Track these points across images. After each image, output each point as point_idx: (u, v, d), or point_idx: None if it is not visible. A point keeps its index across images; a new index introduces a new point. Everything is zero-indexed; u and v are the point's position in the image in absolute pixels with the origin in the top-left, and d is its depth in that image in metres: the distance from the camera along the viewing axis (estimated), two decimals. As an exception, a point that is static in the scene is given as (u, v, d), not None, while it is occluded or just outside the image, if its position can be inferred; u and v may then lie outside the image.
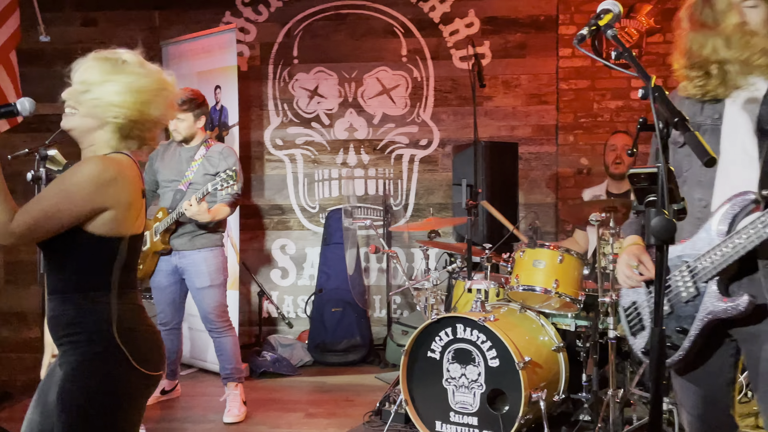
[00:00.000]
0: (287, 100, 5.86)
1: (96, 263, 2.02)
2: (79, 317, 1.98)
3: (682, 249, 1.97)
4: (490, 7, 5.68)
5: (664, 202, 1.29)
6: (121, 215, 2.01)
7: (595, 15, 1.61)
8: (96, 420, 1.97)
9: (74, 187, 1.94)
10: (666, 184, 1.29)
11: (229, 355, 4.21)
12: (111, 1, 5.84)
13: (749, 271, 1.86)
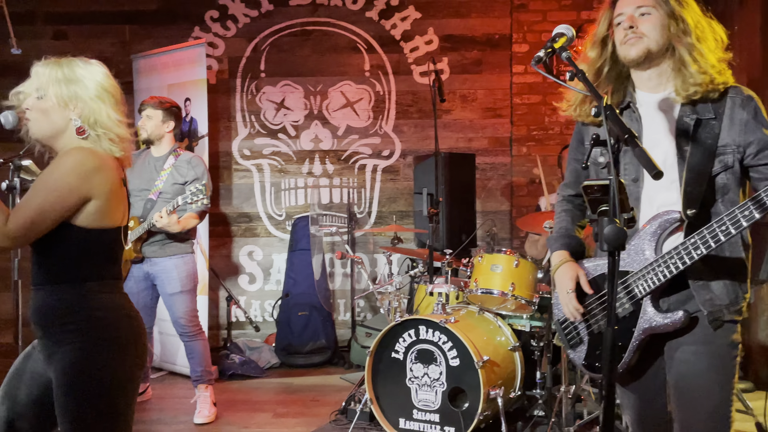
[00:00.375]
0: (254, 112, 5.85)
1: (83, 255, 2.02)
2: (69, 308, 1.99)
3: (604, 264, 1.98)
4: (448, 25, 5.76)
5: (616, 212, 1.35)
6: (104, 205, 2.01)
7: (550, 38, 1.66)
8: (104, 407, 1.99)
9: (59, 179, 1.94)
10: (617, 195, 1.35)
11: (199, 358, 4.18)
12: (82, 15, 5.76)
13: (679, 287, 1.89)
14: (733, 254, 1.88)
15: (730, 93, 1.87)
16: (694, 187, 1.82)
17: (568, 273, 2.01)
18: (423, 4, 5.75)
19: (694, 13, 1.87)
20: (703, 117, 1.85)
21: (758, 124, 1.83)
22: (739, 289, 1.89)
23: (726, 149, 1.84)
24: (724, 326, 1.88)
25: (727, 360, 1.89)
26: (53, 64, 2.09)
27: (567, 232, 2.12)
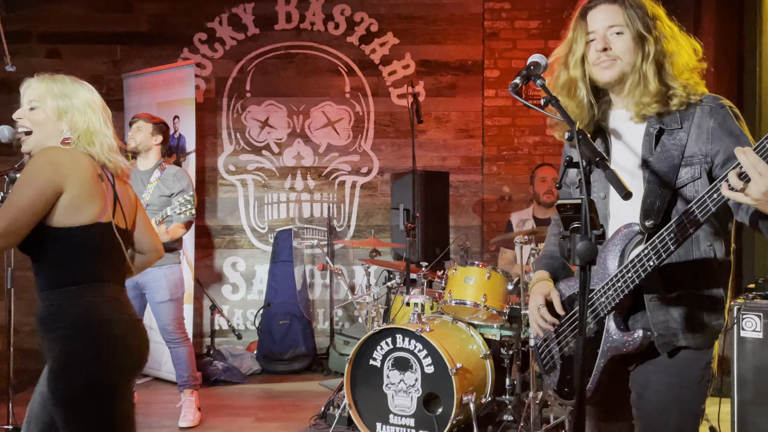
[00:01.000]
0: (240, 129, 5.83)
1: (64, 258, 1.97)
2: (54, 314, 1.95)
3: (576, 284, 1.86)
4: (425, 51, 5.80)
5: (587, 229, 1.36)
6: (76, 199, 1.95)
7: (525, 66, 1.67)
8: (90, 412, 1.92)
9: (34, 174, 1.92)
10: (588, 214, 1.36)
11: (185, 364, 4.13)
12: (75, 35, 5.70)
13: (642, 304, 1.73)
14: (699, 274, 1.69)
15: (702, 102, 1.71)
16: (654, 198, 1.67)
17: (540, 290, 1.89)
18: (401, 31, 5.79)
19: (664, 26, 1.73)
20: (668, 127, 1.71)
21: (725, 132, 1.66)
22: (705, 313, 1.69)
23: (692, 160, 1.68)
24: (684, 357, 1.69)
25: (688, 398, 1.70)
26: (48, 78, 2.10)
27: (551, 254, 2.00)
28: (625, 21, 1.70)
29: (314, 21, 5.80)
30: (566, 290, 1.90)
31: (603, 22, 1.72)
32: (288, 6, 5.79)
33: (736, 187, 1.43)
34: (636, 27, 1.69)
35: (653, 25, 1.70)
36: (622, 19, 1.70)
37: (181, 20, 5.74)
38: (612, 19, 1.71)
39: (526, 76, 1.64)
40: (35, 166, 1.93)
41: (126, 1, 5.68)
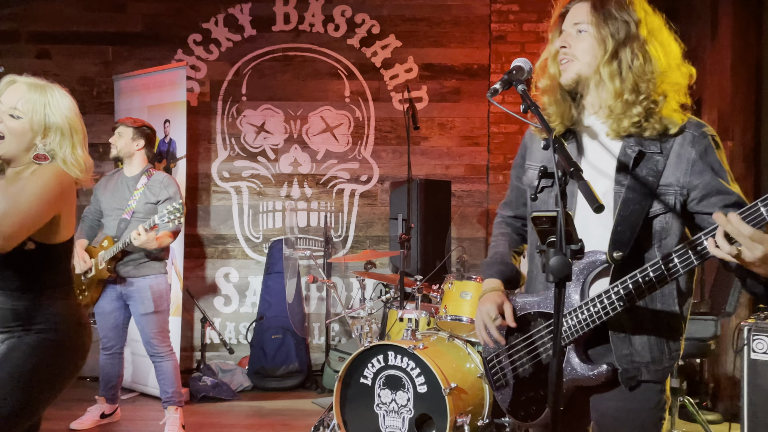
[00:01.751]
0: (235, 134, 5.85)
1: (43, 266, 2.13)
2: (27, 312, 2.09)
3: (533, 302, 1.83)
4: (428, 54, 5.81)
5: (563, 243, 1.34)
6: (65, 220, 2.14)
7: (508, 71, 1.66)
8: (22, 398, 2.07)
9: (45, 191, 2.06)
10: (564, 227, 1.34)
11: (170, 379, 4.12)
12: (65, 35, 5.75)
13: (605, 338, 1.72)
14: (664, 306, 1.69)
15: (685, 129, 1.66)
16: (625, 228, 1.64)
17: (492, 298, 1.84)
18: (404, 33, 5.81)
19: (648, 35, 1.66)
20: (647, 150, 1.66)
21: (706, 165, 1.63)
22: (666, 346, 1.70)
23: (668, 189, 1.65)
24: (644, 387, 1.71)
25: (648, 422, 1.73)
26: (39, 88, 2.15)
27: (502, 259, 1.94)
28: (590, 20, 1.67)
29: (313, 22, 5.82)
30: (524, 306, 1.85)
31: (570, 20, 1.72)
32: (286, 6, 5.82)
33: (725, 250, 1.43)
34: (600, 26, 1.65)
35: (625, 28, 1.65)
36: (588, 18, 1.68)
37: (176, 20, 5.78)
38: (578, 16, 1.70)
39: (507, 81, 1.64)
40: (47, 183, 2.07)
41: (119, 1, 5.73)
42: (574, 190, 1.70)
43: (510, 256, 1.96)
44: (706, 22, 5.09)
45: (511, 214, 2.04)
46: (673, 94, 1.66)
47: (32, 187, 2.05)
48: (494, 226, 2.08)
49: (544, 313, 1.80)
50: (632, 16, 1.66)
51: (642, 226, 1.65)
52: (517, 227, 2.03)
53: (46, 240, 2.11)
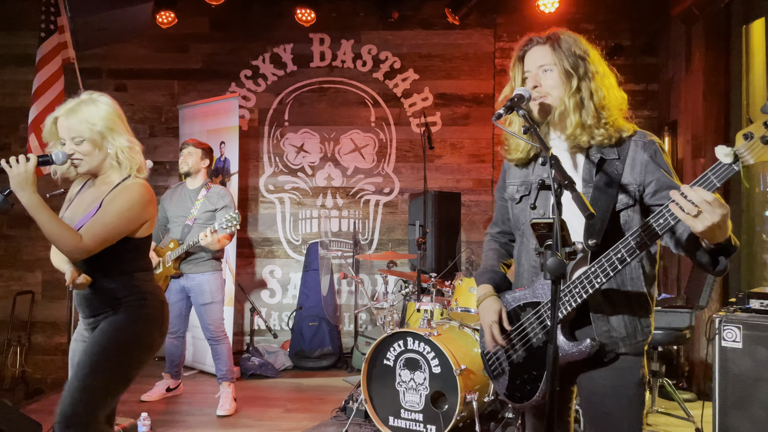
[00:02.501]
0: (278, 154, 5.87)
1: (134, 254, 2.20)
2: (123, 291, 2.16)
3: (521, 296, 1.81)
4: (441, 85, 5.78)
5: (558, 246, 1.31)
6: (151, 223, 2.23)
7: (510, 99, 1.64)
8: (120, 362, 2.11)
9: (129, 209, 2.12)
10: (560, 232, 1.31)
11: (223, 359, 4.13)
12: (139, 71, 5.83)
13: (588, 319, 1.71)
14: (633, 288, 1.69)
15: (635, 137, 1.71)
16: (595, 222, 1.64)
17: (492, 307, 1.84)
18: (420, 68, 5.79)
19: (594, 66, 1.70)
20: (607, 157, 1.69)
21: (657, 165, 1.67)
22: (638, 323, 1.70)
23: (628, 187, 1.67)
24: (624, 363, 1.70)
25: (633, 396, 1.70)
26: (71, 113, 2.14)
27: (492, 268, 1.95)
28: (553, 60, 1.69)
29: (344, 59, 5.83)
30: (512, 302, 1.84)
31: (534, 63, 1.72)
32: (322, 46, 5.84)
33: (686, 208, 1.40)
34: (563, 65, 1.68)
35: (582, 64, 1.68)
36: (551, 59, 1.69)
37: (230, 59, 5.83)
38: (542, 59, 1.71)
39: (509, 107, 1.61)
40: (130, 202, 2.12)
41: (183, 43, 5.79)
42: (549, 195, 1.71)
43: (499, 266, 1.96)
44: (682, 56, 5.01)
45: (498, 230, 2.04)
46: (619, 111, 1.70)
47: (117, 205, 2.10)
48: (485, 244, 2.08)
49: (531, 303, 1.78)
50: (584, 52, 1.69)
51: (610, 219, 1.66)
52: (503, 242, 2.02)
53: (139, 234, 2.18)
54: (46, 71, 4.76)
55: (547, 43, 1.71)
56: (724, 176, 1.39)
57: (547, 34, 1.74)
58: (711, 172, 1.41)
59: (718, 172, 1.40)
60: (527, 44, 1.74)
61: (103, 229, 2.07)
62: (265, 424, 3.88)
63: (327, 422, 3.86)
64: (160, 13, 5.44)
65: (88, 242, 2.02)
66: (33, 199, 2.00)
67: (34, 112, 4.69)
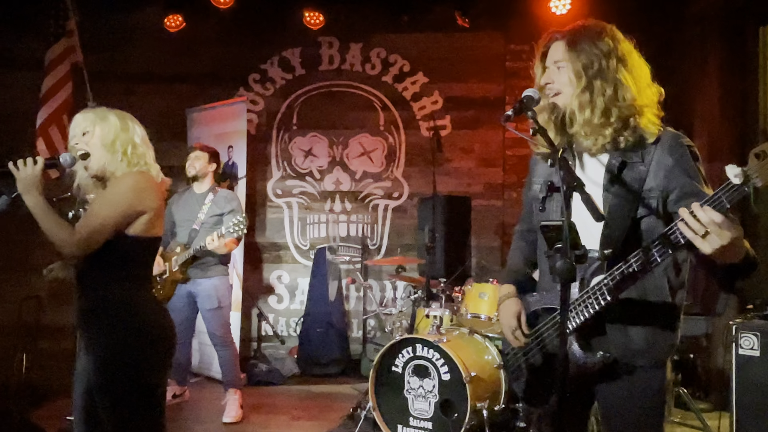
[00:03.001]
0: (286, 158, 5.88)
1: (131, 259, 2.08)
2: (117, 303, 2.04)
3: (541, 299, 1.81)
4: (451, 89, 5.77)
5: (567, 249, 1.30)
6: (152, 218, 2.09)
7: (519, 100, 1.63)
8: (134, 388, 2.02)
9: (119, 197, 2.02)
10: (569, 235, 1.30)
11: (230, 366, 4.14)
12: (147, 75, 5.86)
13: (603, 327, 1.67)
14: (657, 298, 1.63)
15: (662, 139, 1.64)
16: (613, 230, 1.60)
17: (511, 309, 1.83)
18: (430, 70, 5.78)
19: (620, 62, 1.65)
20: (630, 161, 1.64)
21: (682, 170, 1.59)
22: (661, 335, 1.64)
23: (651, 193, 1.61)
24: (643, 374, 1.65)
25: (652, 408, 1.67)
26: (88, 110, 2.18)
27: (516, 268, 1.94)
28: (567, 57, 1.66)
29: (353, 62, 5.84)
30: (533, 304, 1.82)
31: (551, 58, 1.71)
32: (331, 50, 5.86)
33: (694, 227, 1.36)
34: (575, 63, 1.64)
35: (597, 62, 1.63)
36: (564, 56, 1.67)
37: (238, 62, 5.85)
38: (557, 55, 1.69)
39: (518, 109, 1.60)
40: (121, 189, 2.04)
41: (190, 46, 5.80)
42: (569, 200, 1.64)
43: (523, 266, 1.95)
44: (697, 57, 4.97)
45: (525, 228, 2.03)
46: (647, 110, 1.64)
47: (106, 195, 2.04)
48: (512, 241, 2.06)
49: (549, 308, 1.76)
50: (603, 48, 1.64)
51: (631, 227, 1.61)
52: (530, 240, 1.99)
53: (134, 233, 2.05)
54: (54, 75, 4.82)
55: (564, 39, 1.69)
56: (734, 197, 1.34)
57: (568, 29, 1.71)
58: (721, 191, 1.35)
59: (728, 193, 1.34)
60: (548, 39, 1.73)
61: (95, 219, 1.99)
62: (272, 431, 3.87)
63: (334, 430, 3.86)
64: (168, 17, 5.48)
65: (81, 234, 1.97)
66: (38, 202, 2.00)
67: (42, 116, 4.74)
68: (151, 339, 2.06)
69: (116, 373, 1.99)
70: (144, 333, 2.05)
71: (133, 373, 2.00)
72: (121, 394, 1.99)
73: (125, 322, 2.03)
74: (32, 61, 5.18)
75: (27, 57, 5.51)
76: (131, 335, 2.02)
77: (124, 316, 2.03)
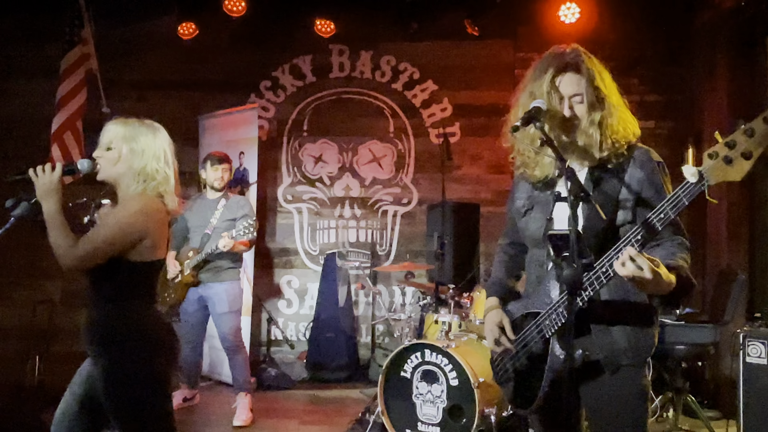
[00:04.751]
0: (297, 164, 5.94)
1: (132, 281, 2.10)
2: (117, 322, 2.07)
3: (523, 305, 1.88)
4: (460, 96, 5.81)
5: (575, 257, 1.33)
6: (155, 243, 2.10)
7: (527, 111, 1.67)
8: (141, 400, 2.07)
9: (127, 220, 2.05)
10: (576, 244, 1.34)
11: (240, 370, 4.18)
12: (160, 82, 5.93)
13: (586, 330, 1.73)
14: (637, 299, 1.72)
15: (635, 154, 1.77)
16: (590, 236, 1.66)
17: (493, 319, 1.92)
18: (439, 78, 5.83)
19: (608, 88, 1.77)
20: (606, 175, 1.76)
21: (651, 184, 1.73)
22: (641, 334, 1.74)
23: (626, 203, 1.72)
24: (626, 374, 1.73)
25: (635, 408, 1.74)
26: (121, 122, 2.20)
27: (500, 281, 2.03)
28: (583, 90, 1.75)
29: (363, 70, 5.90)
30: (516, 311, 1.90)
31: (569, 89, 1.76)
32: (341, 57, 5.92)
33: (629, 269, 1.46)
34: (590, 95, 1.74)
35: (601, 90, 1.74)
36: (582, 89, 1.75)
37: (250, 70, 5.91)
38: (575, 88, 1.75)
39: (527, 120, 1.63)
40: (127, 213, 2.07)
41: (203, 54, 5.88)
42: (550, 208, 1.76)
43: (506, 279, 2.03)
44: (705, 65, 4.99)
45: (507, 241, 2.10)
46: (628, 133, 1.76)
47: (114, 218, 2.06)
48: (495, 255, 2.14)
49: (531, 313, 1.84)
50: (600, 82, 1.75)
51: (609, 234, 1.69)
52: (512, 254, 2.08)
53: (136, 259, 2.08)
54: (69, 82, 4.90)
55: (579, 73, 1.76)
56: (692, 195, 1.44)
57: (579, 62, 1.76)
58: (681, 190, 1.46)
59: (686, 191, 1.44)
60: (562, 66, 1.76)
61: (97, 238, 2.02)
62: (281, 435, 3.92)
63: (343, 435, 3.88)
64: (182, 25, 5.57)
65: (79, 250, 1.99)
66: (54, 209, 2.04)
67: (57, 123, 4.82)
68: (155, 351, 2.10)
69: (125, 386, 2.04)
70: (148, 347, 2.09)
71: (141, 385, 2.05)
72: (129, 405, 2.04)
73: (128, 337, 2.07)
74: (47, 69, 5.27)
75: (42, 64, 5.60)
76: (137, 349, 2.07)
77: (126, 331, 2.07)
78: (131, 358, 2.04)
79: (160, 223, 2.13)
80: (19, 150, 5.58)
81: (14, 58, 5.88)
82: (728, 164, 1.35)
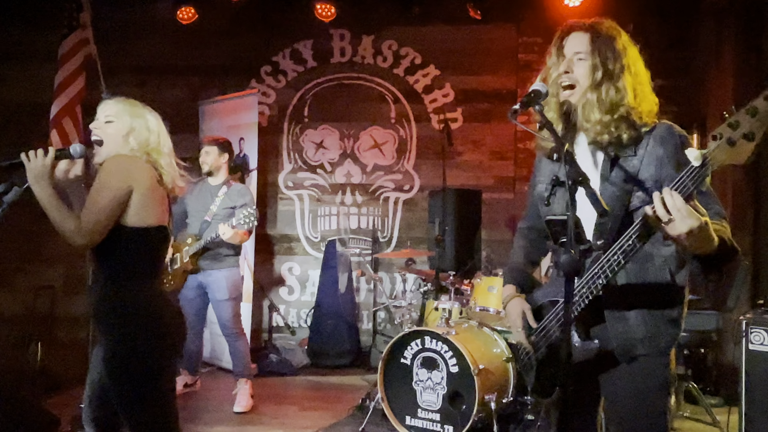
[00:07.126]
0: (298, 150, 5.91)
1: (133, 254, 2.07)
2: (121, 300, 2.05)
3: (548, 292, 1.82)
4: (463, 81, 5.76)
5: (572, 243, 1.31)
6: (145, 198, 2.05)
7: (527, 94, 1.64)
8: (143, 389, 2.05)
9: (108, 178, 2.02)
10: (574, 230, 1.31)
11: (240, 356, 4.18)
12: (160, 67, 5.91)
13: (601, 318, 1.67)
14: (657, 279, 1.62)
15: (655, 131, 1.66)
16: (607, 220, 1.59)
17: (515, 309, 1.85)
18: (442, 63, 5.78)
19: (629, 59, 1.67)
20: (623, 154, 1.66)
21: (672, 160, 1.61)
22: (662, 321, 1.64)
23: (645, 184, 1.63)
24: (643, 362, 1.65)
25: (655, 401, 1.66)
26: (123, 100, 2.20)
27: (518, 267, 1.95)
28: (588, 50, 1.66)
29: (365, 55, 5.85)
30: (539, 299, 1.84)
31: (572, 48, 1.70)
32: (342, 42, 5.87)
33: (659, 213, 1.38)
34: (596, 58, 1.65)
35: (614, 61, 1.65)
36: (587, 48, 1.66)
37: (250, 55, 5.87)
38: (578, 46, 1.68)
39: (526, 103, 1.61)
40: (107, 171, 2.04)
41: (202, 39, 5.84)
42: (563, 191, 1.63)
43: (524, 266, 1.96)
44: (711, 50, 4.93)
45: (527, 225, 2.03)
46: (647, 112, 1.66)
47: (97, 182, 2.03)
48: (515, 239, 2.06)
49: (553, 301, 1.78)
50: (617, 50, 1.66)
51: (626, 216, 1.62)
52: (532, 238, 2.01)
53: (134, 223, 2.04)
54: (68, 67, 4.86)
55: (588, 32, 1.68)
56: (698, 179, 1.37)
57: (591, 22, 1.71)
58: (686, 175, 1.38)
59: (691, 176, 1.37)
60: (569, 30, 1.72)
61: (93, 206, 1.99)
62: (281, 421, 3.92)
63: (343, 421, 3.89)
64: (181, 9, 5.52)
65: (85, 224, 1.97)
66: (47, 192, 2.00)
67: (56, 108, 4.79)
68: (159, 333, 2.07)
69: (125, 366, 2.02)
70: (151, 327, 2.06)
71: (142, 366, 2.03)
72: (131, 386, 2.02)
73: (133, 317, 2.04)
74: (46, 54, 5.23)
75: (41, 49, 5.56)
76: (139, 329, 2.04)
77: (132, 310, 2.05)
78: (132, 340, 2.02)
79: (147, 179, 2.07)
80: (18, 135, 5.57)
81: (13, 44, 5.85)
82: (731, 146, 1.29)
